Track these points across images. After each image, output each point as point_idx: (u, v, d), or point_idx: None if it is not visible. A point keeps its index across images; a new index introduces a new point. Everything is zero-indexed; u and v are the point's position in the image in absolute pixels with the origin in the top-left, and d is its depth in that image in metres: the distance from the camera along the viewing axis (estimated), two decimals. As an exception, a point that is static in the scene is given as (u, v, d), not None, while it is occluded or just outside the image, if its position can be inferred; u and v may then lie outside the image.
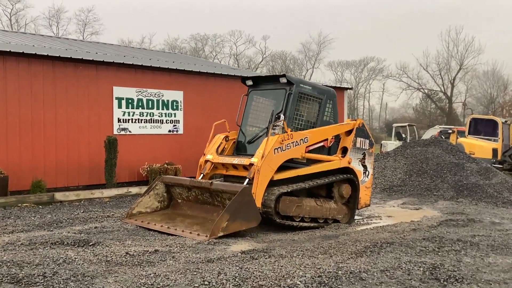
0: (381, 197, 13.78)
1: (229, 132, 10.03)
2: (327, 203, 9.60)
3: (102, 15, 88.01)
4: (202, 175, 9.53)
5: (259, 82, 10.11)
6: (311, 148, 9.35)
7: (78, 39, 33.32)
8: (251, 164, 8.63)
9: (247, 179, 8.57)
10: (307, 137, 9.18)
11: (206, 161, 9.61)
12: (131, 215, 9.23)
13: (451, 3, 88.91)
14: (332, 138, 9.83)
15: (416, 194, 14.00)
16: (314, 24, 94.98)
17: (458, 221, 9.96)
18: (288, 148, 8.85)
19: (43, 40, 18.65)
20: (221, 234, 7.79)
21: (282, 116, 9.22)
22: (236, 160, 9.14)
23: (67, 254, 6.53)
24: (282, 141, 8.76)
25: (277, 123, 9.04)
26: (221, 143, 9.83)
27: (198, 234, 7.85)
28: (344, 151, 9.99)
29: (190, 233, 7.98)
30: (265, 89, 10.00)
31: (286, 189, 8.86)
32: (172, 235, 8.08)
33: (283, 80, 9.43)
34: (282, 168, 9.12)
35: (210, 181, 8.73)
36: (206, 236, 7.70)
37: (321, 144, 9.61)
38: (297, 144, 8.99)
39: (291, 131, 9.03)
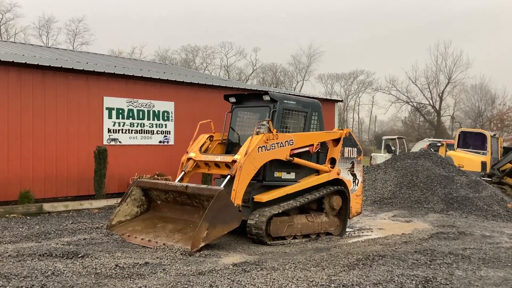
0: (372, 209, 13.78)
1: (214, 132, 9.97)
2: (318, 217, 9.55)
3: (93, 25, 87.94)
4: (183, 172, 9.39)
5: (242, 99, 10.07)
6: (296, 151, 9.28)
7: (68, 49, 33.22)
8: (234, 161, 8.55)
9: (228, 176, 8.46)
10: (292, 140, 9.13)
11: (189, 159, 9.50)
12: (111, 227, 9.02)
13: (441, 18, 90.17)
14: (318, 145, 9.79)
15: (406, 206, 14.02)
16: (305, 37, 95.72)
17: (449, 234, 9.98)
18: (272, 148, 8.77)
19: (33, 50, 18.55)
20: (202, 244, 7.62)
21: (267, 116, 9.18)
22: (219, 158, 9.04)
23: (55, 266, 6.43)
24: (267, 140, 8.69)
25: (262, 123, 8.99)
26: (205, 142, 9.74)
27: (180, 248, 7.64)
28: (333, 162, 9.98)
29: (172, 246, 7.76)
30: (249, 106, 9.95)
31: (277, 210, 8.78)
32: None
33: (267, 97, 9.36)
34: (271, 187, 9.09)
35: (186, 185, 8.54)
36: (188, 249, 7.50)
37: (307, 149, 9.56)
38: (282, 145, 8.92)
39: (277, 131, 8.98)
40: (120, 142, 14.18)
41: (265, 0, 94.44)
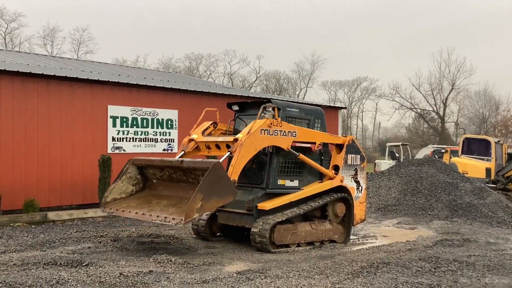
0: (376, 216, 13.74)
1: (219, 121, 9.97)
2: (322, 225, 9.54)
3: (97, 34, 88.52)
4: (183, 152, 9.36)
5: (245, 107, 10.08)
6: (297, 145, 9.27)
7: (72, 58, 33.40)
8: (236, 140, 8.49)
9: (228, 153, 8.41)
10: (295, 132, 9.12)
11: (190, 140, 9.47)
12: (105, 204, 8.82)
13: (443, 25, 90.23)
14: (319, 145, 9.76)
15: (411, 213, 13.98)
16: (308, 44, 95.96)
17: (454, 241, 9.95)
18: (275, 134, 8.75)
19: (37, 59, 18.67)
20: (196, 215, 7.51)
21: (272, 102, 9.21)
22: (220, 139, 9.06)
23: (60, 275, 6.45)
24: (271, 124, 8.69)
25: (268, 109, 9.01)
26: (209, 127, 9.73)
27: (174, 218, 7.52)
28: (336, 169, 9.98)
29: (165, 217, 7.64)
30: (252, 114, 9.96)
31: (281, 218, 8.77)
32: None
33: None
34: (275, 195, 9.09)
35: (181, 159, 8.46)
36: (182, 219, 7.35)
37: (309, 145, 9.54)
38: (284, 134, 8.91)
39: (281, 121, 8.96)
40: (124, 150, 14.23)
41: (268, 8, 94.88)
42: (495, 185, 18.83)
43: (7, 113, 12.20)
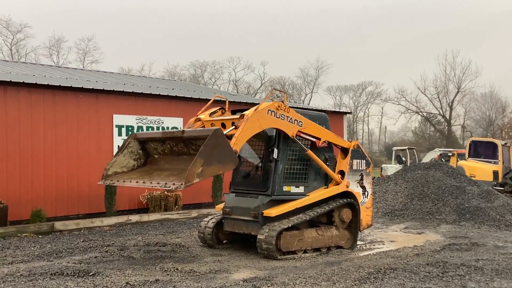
0: (383, 221, 13.68)
1: (227, 111, 9.99)
2: (328, 231, 9.50)
3: (102, 44, 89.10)
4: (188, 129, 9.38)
5: None
6: (302, 135, 9.22)
7: (78, 67, 33.60)
8: (242, 116, 8.44)
9: (233, 127, 8.36)
10: (302, 122, 9.09)
11: (197, 120, 9.47)
12: (106, 177, 8.77)
13: (447, 28, 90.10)
14: (324, 142, 9.69)
15: (418, 218, 13.90)
16: (312, 50, 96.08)
17: (462, 245, 9.88)
18: (281, 118, 8.74)
19: (43, 70, 18.79)
20: (196, 180, 7.37)
21: (283, 94, 9.18)
22: (227, 117, 9.05)
23: (67, 285, 6.47)
24: (278, 107, 8.68)
25: (277, 93, 8.99)
26: (216, 111, 9.70)
27: (174, 184, 7.45)
28: (341, 174, 9.94)
29: (166, 183, 7.59)
30: None
31: (287, 224, 8.74)
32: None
33: None
34: (280, 202, 9.05)
35: (182, 130, 8.40)
36: (182, 184, 7.27)
37: (313, 139, 9.49)
38: (290, 121, 8.90)
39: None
40: (130, 159, 14.24)
41: (272, 14, 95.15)
42: (502, 188, 18.74)
43: (14, 124, 12.28)
